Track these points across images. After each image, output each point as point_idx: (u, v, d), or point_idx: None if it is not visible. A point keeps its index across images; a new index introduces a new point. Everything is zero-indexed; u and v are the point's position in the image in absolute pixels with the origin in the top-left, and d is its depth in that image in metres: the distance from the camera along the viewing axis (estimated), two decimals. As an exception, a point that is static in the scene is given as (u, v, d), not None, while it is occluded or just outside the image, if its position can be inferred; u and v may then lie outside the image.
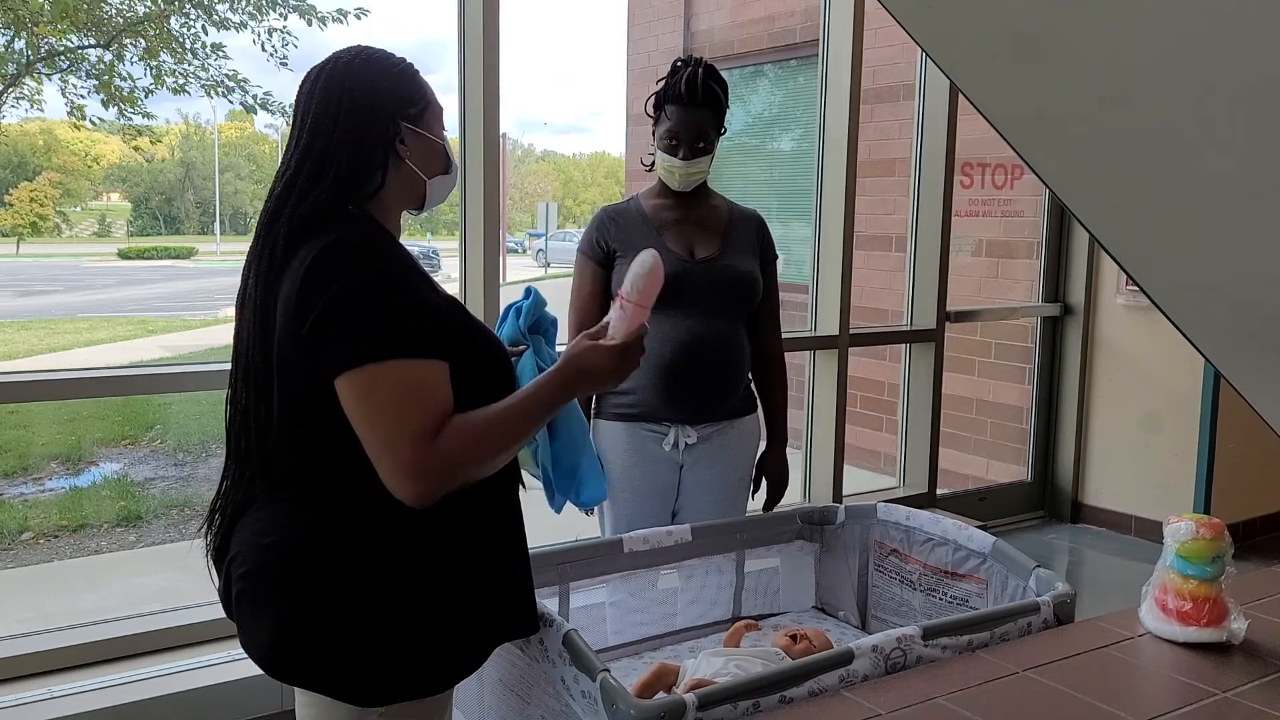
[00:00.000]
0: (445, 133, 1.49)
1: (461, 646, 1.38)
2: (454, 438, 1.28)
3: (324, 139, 1.37)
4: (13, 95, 7.58)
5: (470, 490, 1.34)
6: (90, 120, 7.71)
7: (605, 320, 1.47)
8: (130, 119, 7.66)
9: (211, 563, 1.45)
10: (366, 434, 1.28)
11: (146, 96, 7.35)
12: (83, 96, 7.35)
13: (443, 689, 1.38)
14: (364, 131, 1.38)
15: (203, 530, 1.44)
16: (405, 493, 1.27)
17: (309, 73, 1.42)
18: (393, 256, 1.35)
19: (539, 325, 1.73)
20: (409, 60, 1.46)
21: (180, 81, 7.30)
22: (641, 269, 1.45)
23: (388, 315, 1.28)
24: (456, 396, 1.32)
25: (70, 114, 7.55)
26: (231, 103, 7.54)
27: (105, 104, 7.33)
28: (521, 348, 1.71)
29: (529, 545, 1.51)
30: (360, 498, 1.31)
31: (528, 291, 1.76)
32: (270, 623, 1.33)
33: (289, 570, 1.33)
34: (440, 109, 1.48)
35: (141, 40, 7.32)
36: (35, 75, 7.40)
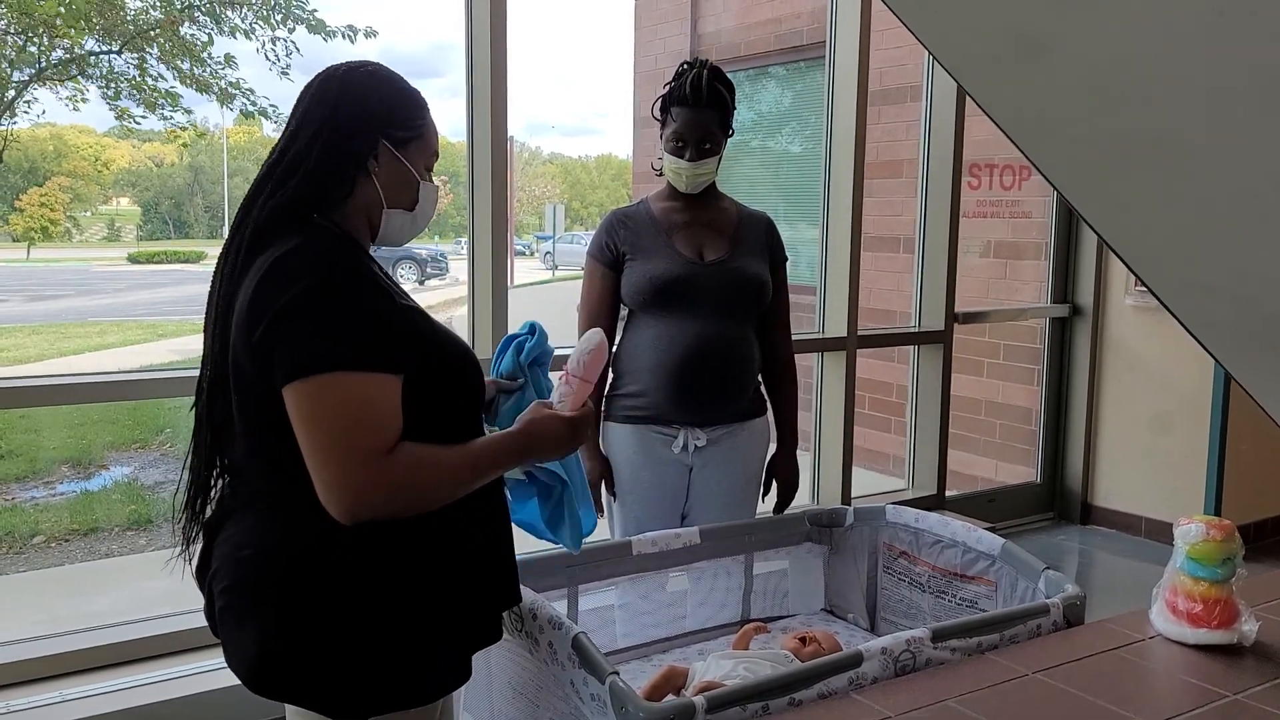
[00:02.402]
0: (429, 178, 1.46)
1: (443, 655, 1.36)
2: (403, 463, 1.27)
3: (304, 139, 1.37)
4: (25, 100, 7.64)
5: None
6: (134, 120, 7.75)
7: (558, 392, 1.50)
8: (171, 118, 7.70)
9: (196, 578, 1.43)
10: (309, 446, 1.25)
11: (181, 95, 7.42)
12: (116, 97, 7.39)
13: (428, 700, 1.35)
14: (341, 138, 1.37)
15: (178, 543, 1.42)
16: (339, 508, 1.25)
17: (314, 77, 1.42)
18: (349, 266, 1.31)
19: (540, 359, 1.68)
20: (421, 94, 1.45)
21: (200, 84, 7.35)
22: (587, 345, 1.50)
23: (338, 326, 1.26)
24: (421, 406, 1.31)
25: (119, 119, 7.62)
26: (232, 109, 7.59)
27: (145, 106, 7.38)
28: (519, 381, 1.65)
29: (539, 548, 1.51)
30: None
31: (531, 326, 1.70)
32: (252, 637, 1.31)
33: (268, 583, 1.31)
34: (433, 150, 1.46)
35: (154, 47, 7.37)
36: (59, 80, 7.46)
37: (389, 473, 1.26)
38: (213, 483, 1.41)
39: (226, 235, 1.38)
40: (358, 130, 1.38)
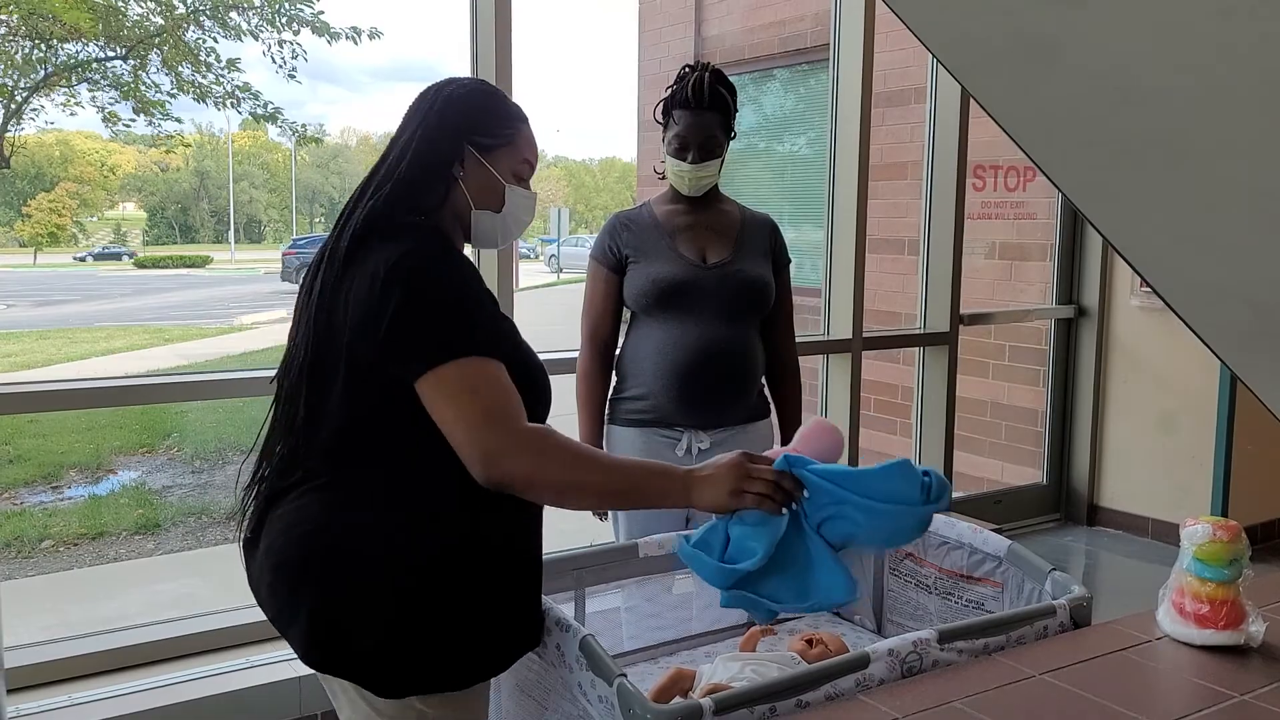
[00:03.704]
0: (522, 184, 1.55)
1: (489, 640, 1.42)
2: (549, 439, 1.36)
3: (399, 148, 1.47)
4: (33, 105, 7.66)
5: (505, 495, 1.39)
6: (123, 124, 7.81)
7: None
8: (159, 126, 7.75)
9: (243, 552, 1.48)
10: (459, 418, 1.32)
11: (172, 100, 7.44)
12: (114, 102, 7.43)
13: (472, 682, 1.42)
14: (431, 145, 1.47)
15: (237, 519, 1.49)
16: (498, 469, 1.32)
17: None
18: (465, 265, 1.43)
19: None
20: (520, 108, 1.55)
21: (199, 92, 7.36)
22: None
23: (467, 318, 1.37)
24: None
25: (105, 122, 7.69)
26: (241, 113, 7.60)
27: (136, 111, 7.42)
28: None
29: (545, 551, 1.56)
30: (395, 490, 1.36)
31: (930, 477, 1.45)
32: (305, 612, 1.36)
33: (321, 559, 1.37)
34: (523, 158, 1.54)
35: (158, 52, 7.39)
36: (62, 85, 7.48)
37: (533, 441, 1.35)
38: (280, 461, 1.46)
39: (330, 233, 1.48)
40: (445, 138, 1.47)
